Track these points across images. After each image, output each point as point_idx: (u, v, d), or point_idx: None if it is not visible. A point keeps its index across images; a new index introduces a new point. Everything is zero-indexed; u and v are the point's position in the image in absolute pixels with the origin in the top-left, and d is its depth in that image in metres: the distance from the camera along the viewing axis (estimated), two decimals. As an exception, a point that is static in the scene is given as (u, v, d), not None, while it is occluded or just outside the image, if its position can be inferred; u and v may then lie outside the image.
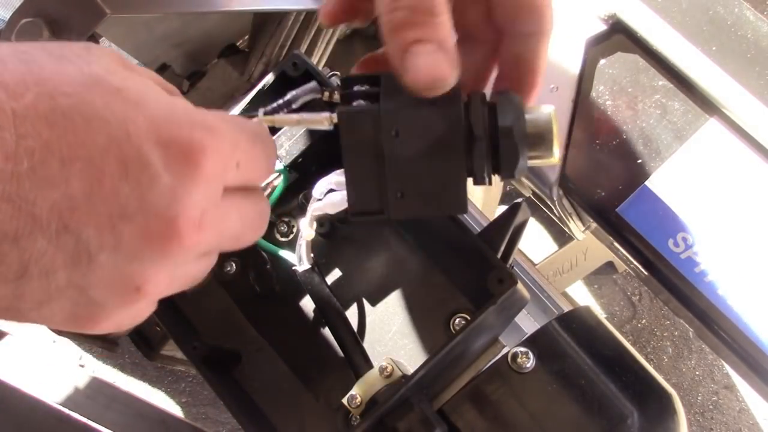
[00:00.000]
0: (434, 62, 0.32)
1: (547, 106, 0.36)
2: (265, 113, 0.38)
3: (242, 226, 0.32)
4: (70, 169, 0.25)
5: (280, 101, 0.38)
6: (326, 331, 0.46)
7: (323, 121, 0.36)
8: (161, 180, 0.27)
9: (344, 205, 0.40)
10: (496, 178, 0.36)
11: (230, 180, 0.31)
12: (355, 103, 0.35)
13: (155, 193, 0.27)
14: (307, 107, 0.44)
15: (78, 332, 0.29)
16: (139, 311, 0.30)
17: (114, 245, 0.27)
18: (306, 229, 0.44)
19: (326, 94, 0.37)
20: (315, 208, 0.43)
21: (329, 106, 0.36)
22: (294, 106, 0.39)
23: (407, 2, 0.32)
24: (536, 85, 0.38)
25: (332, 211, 0.43)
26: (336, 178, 0.42)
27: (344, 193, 0.38)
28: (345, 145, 0.35)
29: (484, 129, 0.34)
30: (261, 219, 0.34)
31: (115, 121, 0.26)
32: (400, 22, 0.32)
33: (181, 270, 0.30)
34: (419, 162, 0.34)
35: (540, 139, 0.35)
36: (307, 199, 0.47)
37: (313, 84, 0.38)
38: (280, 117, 0.38)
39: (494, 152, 0.35)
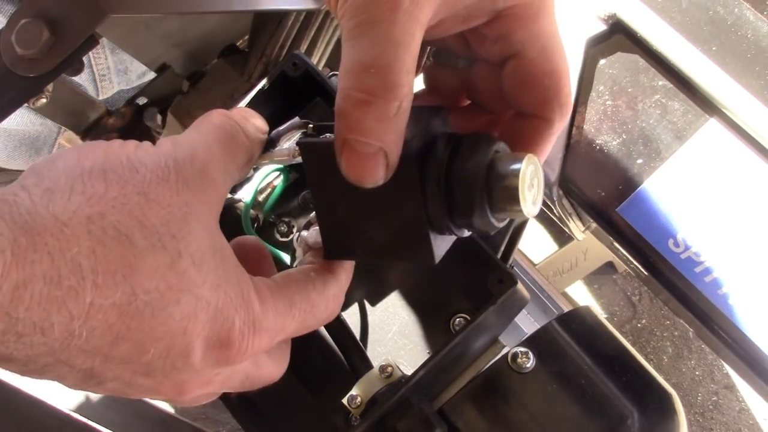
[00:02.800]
0: (369, 166, 0.30)
1: (525, 155, 0.31)
2: None
3: (241, 386, 0.34)
4: (120, 346, 0.28)
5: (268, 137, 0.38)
6: (326, 331, 0.46)
7: (288, 155, 0.37)
8: (194, 366, 0.30)
9: (319, 244, 0.38)
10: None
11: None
12: (322, 136, 0.34)
13: (182, 374, 0.30)
14: (308, 118, 0.44)
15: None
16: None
17: (125, 383, 0.30)
18: (308, 232, 0.43)
19: (310, 127, 0.37)
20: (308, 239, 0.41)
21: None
22: (279, 145, 0.39)
23: (361, 96, 0.29)
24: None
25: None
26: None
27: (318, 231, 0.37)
28: (309, 179, 0.34)
29: (438, 172, 0.31)
30: (263, 383, 0.36)
31: (179, 317, 0.28)
32: (348, 113, 0.30)
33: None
34: (378, 206, 0.33)
35: (504, 191, 0.31)
36: (306, 200, 0.47)
37: (296, 120, 0.38)
38: (258, 157, 0.38)
39: (451, 200, 0.31)
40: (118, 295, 0.27)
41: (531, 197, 0.31)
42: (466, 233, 0.34)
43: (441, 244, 0.33)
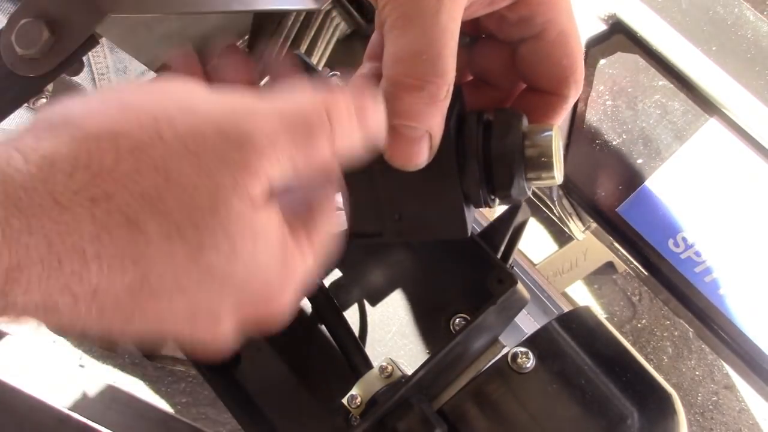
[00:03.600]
0: (415, 151, 0.32)
1: (551, 126, 0.34)
2: None
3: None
4: (134, 322, 0.26)
5: None
6: (326, 332, 0.46)
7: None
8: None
9: (342, 227, 0.39)
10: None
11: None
12: None
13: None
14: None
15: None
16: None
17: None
18: None
19: None
20: None
21: None
22: None
23: (413, 82, 0.30)
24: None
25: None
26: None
27: (343, 214, 0.38)
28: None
29: (476, 150, 0.33)
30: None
31: (206, 305, 0.27)
32: (401, 98, 0.31)
33: None
34: (413, 185, 0.34)
35: (538, 160, 0.33)
36: None
37: None
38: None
39: (489, 174, 0.34)
40: (127, 280, 0.24)
41: (560, 164, 0.34)
42: (497, 204, 0.36)
43: (470, 216, 0.35)
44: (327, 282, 0.47)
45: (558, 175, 0.34)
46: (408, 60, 0.30)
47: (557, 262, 1.34)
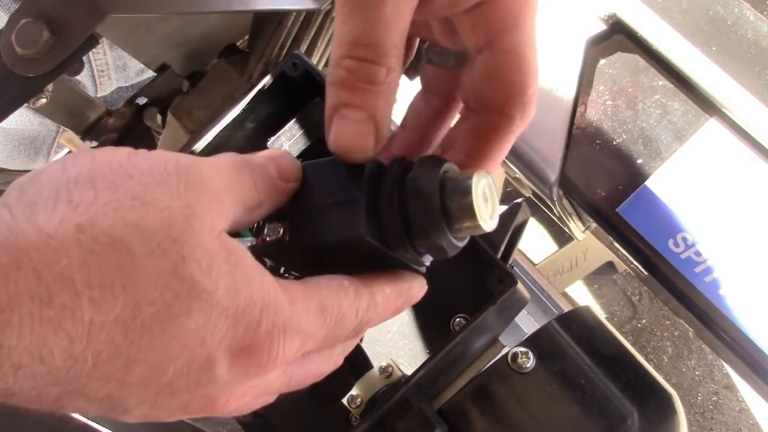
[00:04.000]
0: (358, 133, 0.31)
1: (474, 171, 0.31)
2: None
3: (286, 389, 0.32)
4: (133, 370, 0.25)
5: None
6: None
7: None
8: (220, 380, 0.27)
9: None
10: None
11: (291, 362, 0.30)
12: (269, 233, 0.33)
13: (209, 388, 0.27)
14: (308, 118, 0.44)
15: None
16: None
17: (151, 405, 0.27)
18: None
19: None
20: None
21: None
22: None
23: (351, 63, 0.30)
24: (488, 165, 0.35)
25: None
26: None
27: None
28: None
29: (391, 193, 0.31)
30: (311, 381, 0.33)
31: (194, 328, 0.26)
32: (340, 80, 0.31)
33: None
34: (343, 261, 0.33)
35: (460, 208, 0.31)
36: None
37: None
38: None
39: (407, 223, 0.31)
40: (119, 308, 0.24)
41: (487, 211, 0.31)
42: (428, 261, 0.34)
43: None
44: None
45: (487, 222, 0.31)
46: (347, 44, 0.30)
47: (557, 262, 1.34)
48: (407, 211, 0.31)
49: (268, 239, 0.33)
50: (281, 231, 0.33)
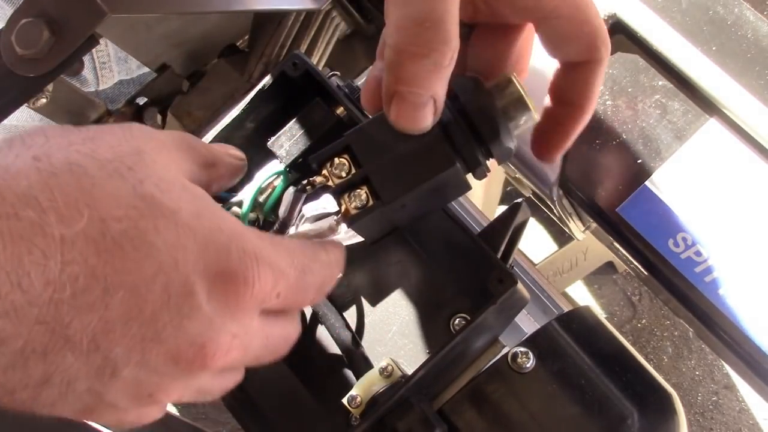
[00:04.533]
0: (420, 115, 0.32)
1: (504, 73, 0.36)
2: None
3: (265, 349, 0.32)
4: (113, 296, 0.25)
5: (276, 226, 0.39)
6: (326, 331, 0.46)
7: (332, 231, 0.37)
8: (202, 310, 0.27)
9: (349, 242, 0.40)
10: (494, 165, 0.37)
11: (268, 307, 0.31)
12: (352, 201, 0.35)
13: (193, 321, 0.27)
14: (308, 118, 0.44)
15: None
16: (147, 414, 0.30)
17: (140, 362, 0.27)
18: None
19: (308, 188, 0.37)
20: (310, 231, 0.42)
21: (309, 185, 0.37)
22: (291, 224, 0.39)
23: (415, 48, 0.31)
24: (583, 118, 0.37)
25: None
26: (329, 205, 0.41)
27: (344, 228, 0.39)
28: (356, 230, 0.36)
29: (454, 116, 0.34)
30: (285, 344, 0.34)
31: (164, 247, 0.26)
32: (401, 63, 0.31)
33: (197, 384, 0.30)
34: (427, 200, 0.36)
35: (512, 102, 0.35)
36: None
37: (291, 191, 0.39)
38: (293, 234, 0.38)
39: (476, 135, 0.34)
40: (85, 222, 0.24)
41: (532, 103, 0.35)
42: (483, 171, 0.37)
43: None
44: (327, 282, 0.47)
45: (536, 114, 0.36)
46: (411, 28, 0.31)
47: (557, 262, 1.34)
48: (476, 128, 0.34)
49: (353, 206, 0.34)
50: (364, 195, 0.34)
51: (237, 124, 0.47)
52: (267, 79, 0.46)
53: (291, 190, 0.38)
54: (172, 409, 1.42)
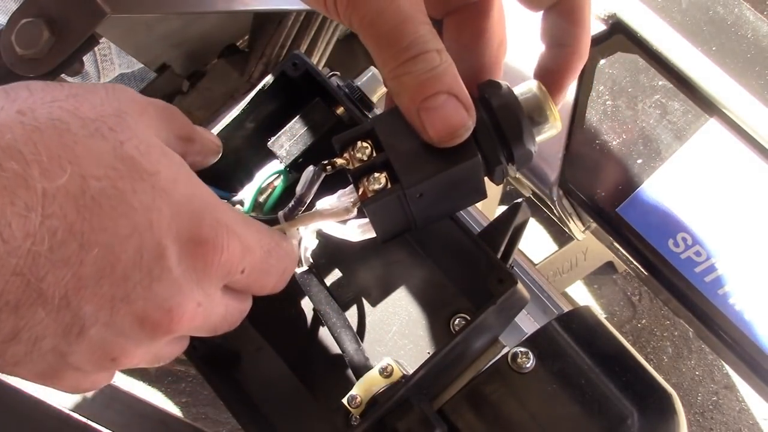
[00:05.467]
0: (448, 113, 0.32)
1: (531, 80, 0.37)
2: (285, 217, 0.38)
3: (223, 321, 0.33)
4: (88, 252, 0.25)
5: (293, 202, 0.39)
6: (326, 331, 0.46)
7: (347, 212, 0.37)
8: (172, 273, 0.28)
9: (362, 236, 0.40)
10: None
11: (231, 282, 0.31)
12: (371, 184, 0.35)
13: (162, 284, 0.27)
14: (308, 118, 0.44)
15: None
16: (102, 379, 0.31)
17: (107, 322, 0.27)
18: (308, 238, 0.43)
19: (329, 168, 0.37)
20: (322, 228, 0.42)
21: (331, 166, 0.37)
22: (307, 201, 0.39)
23: (404, 67, 0.32)
24: (576, 58, 0.38)
25: (347, 237, 0.42)
26: (345, 198, 0.41)
27: (357, 222, 0.40)
28: (372, 217, 0.36)
29: (480, 115, 0.34)
30: (239, 317, 0.35)
31: (140, 208, 0.26)
32: (405, 86, 0.32)
33: (155, 348, 0.31)
34: (444, 197, 0.36)
35: (537, 108, 0.36)
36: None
37: (311, 169, 0.39)
38: (303, 217, 0.38)
39: (499, 135, 0.35)
40: (66, 178, 0.25)
41: (557, 112, 0.36)
42: (511, 172, 0.37)
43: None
44: (328, 282, 0.47)
45: (558, 122, 0.36)
46: (385, 50, 0.32)
47: (557, 262, 1.34)
48: (500, 130, 0.35)
49: (371, 188, 0.35)
50: (384, 179, 0.34)
51: (237, 124, 0.47)
52: (267, 79, 0.46)
53: (311, 168, 0.38)
54: (174, 410, 1.42)
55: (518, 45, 0.47)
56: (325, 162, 0.37)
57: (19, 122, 0.25)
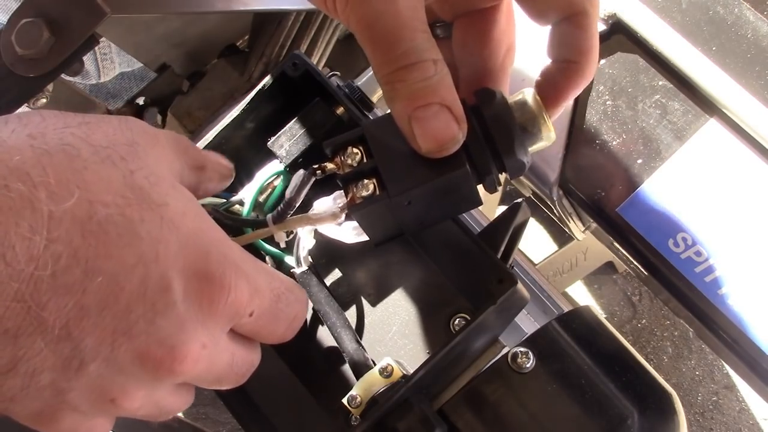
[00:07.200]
0: (439, 125, 0.32)
1: (527, 89, 0.36)
2: (274, 220, 0.38)
3: (229, 369, 0.32)
4: (92, 281, 0.25)
5: (281, 205, 0.39)
6: (326, 331, 0.46)
7: (335, 217, 0.37)
8: (176, 309, 0.27)
9: (356, 239, 0.40)
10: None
11: (238, 326, 0.30)
12: (359, 190, 0.35)
13: (166, 320, 0.27)
14: (308, 118, 0.44)
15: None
16: (100, 426, 0.29)
17: (108, 357, 0.26)
18: (306, 238, 0.43)
19: (319, 172, 0.37)
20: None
21: (320, 171, 0.36)
22: (296, 205, 0.39)
23: (399, 74, 0.31)
24: (582, 75, 0.37)
25: (341, 239, 0.42)
26: (339, 200, 0.41)
27: (352, 225, 0.39)
28: (360, 222, 0.36)
29: (472, 125, 0.34)
30: (248, 370, 0.33)
31: (147, 238, 0.26)
32: (398, 94, 0.32)
33: (157, 395, 0.29)
34: (435, 204, 0.36)
35: (530, 119, 0.35)
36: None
37: (301, 173, 0.38)
38: (292, 220, 0.38)
39: (491, 145, 0.34)
40: (74, 201, 0.24)
41: (550, 123, 0.36)
42: (502, 180, 0.37)
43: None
44: (327, 281, 0.47)
45: (551, 128, 0.36)
46: (387, 61, 0.31)
47: (557, 262, 1.34)
48: (492, 140, 0.34)
49: (359, 195, 0.34)
50: (372, 186, 0.34)
51: (237, 124, 0.47)
52: (267, 79, 0.46)
53: (301, 171, 0.38)
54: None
55: (528, 51, 0.46)
56: (316, 166, 0.37)
57: (29, 145, 0.25)
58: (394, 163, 0.34)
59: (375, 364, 0.42)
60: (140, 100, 0.79)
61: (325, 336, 0.46)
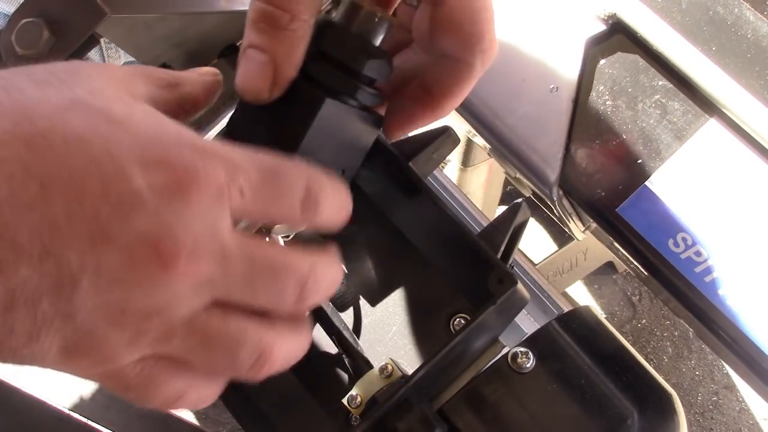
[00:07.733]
0: (256, 75, 0.32)
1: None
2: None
3: (251, 267, 0.28)
4: (50, 190, 0.24)
5: None
6: (326, 332, 0.46)
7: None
8: (145, 201, 0.25)
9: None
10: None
11: (236, 212, 0.28)
12: None
13: (138, 213, 0.25)
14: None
15: (78, 374, 0.28)
16: (134, 338, 0.27)
17: (96, 269, 0.25)
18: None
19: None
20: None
21: None
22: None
23: (260, 5, 0.31)
24: (435, 113, 0.36)
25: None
26: None
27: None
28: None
29: (314, 60, 0.34)
30: (284, 272, 0.29)
31: (97, 141, 0.25)
32: (249, 21, 0.32)
33: (171, 294, 0.26)
34: (330, 145, 0.35)
35: (362, 19, 0.34)
36: None
37: None
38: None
39: (344, 69, 0.34)
40: (13, 122, 0.24)
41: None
42: (369, 96, 0.35)
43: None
44: (327, 282, 0.47)
45: (389, 15, 0.34)
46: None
47: (557, 262, 1.34)
48: (341, 58, 0.34)
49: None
50: None
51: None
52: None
53: None
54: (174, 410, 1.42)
55: (522, 49, 0.46)
56: None
57: None
58: (269, 138, 0.33)
59: (375, 364, 0.42)
60: (140, 100, 0.79)
61: (324, 336, 0.47)
